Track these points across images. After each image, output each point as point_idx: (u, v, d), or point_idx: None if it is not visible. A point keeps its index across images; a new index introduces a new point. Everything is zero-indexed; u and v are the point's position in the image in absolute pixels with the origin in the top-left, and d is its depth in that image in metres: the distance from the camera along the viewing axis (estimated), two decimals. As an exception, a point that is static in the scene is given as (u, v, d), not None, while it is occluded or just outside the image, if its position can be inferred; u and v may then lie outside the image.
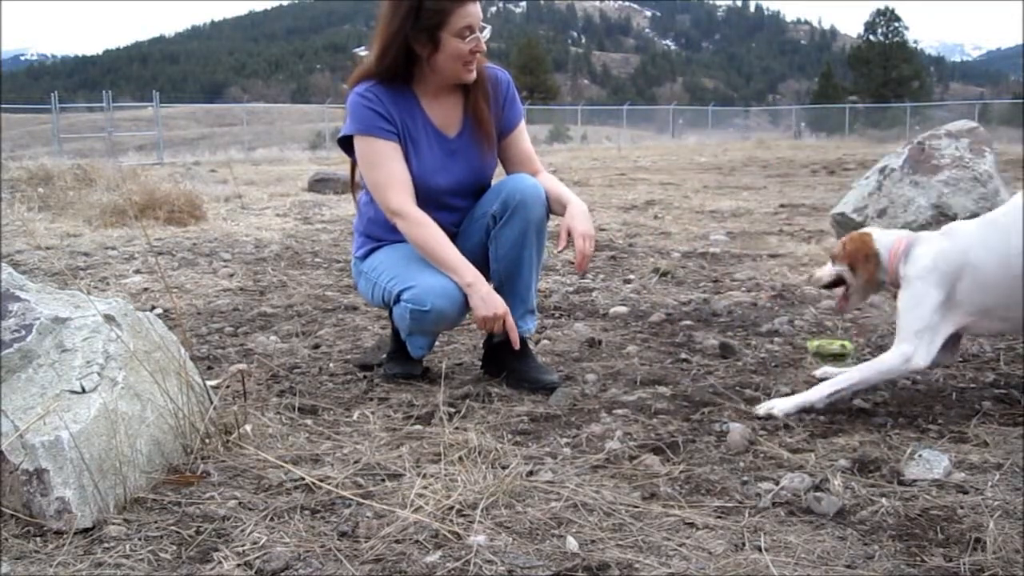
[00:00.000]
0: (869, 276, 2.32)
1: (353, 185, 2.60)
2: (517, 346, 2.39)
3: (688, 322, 3.29)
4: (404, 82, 2.39)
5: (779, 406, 2.19)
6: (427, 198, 2.40)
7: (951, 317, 2.18)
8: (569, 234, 2.33)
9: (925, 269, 2.18)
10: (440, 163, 2.43)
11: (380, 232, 2.50)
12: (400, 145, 2.37)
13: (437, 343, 2.70)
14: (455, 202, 2.48)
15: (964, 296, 2.15)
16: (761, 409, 2.20)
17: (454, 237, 2.47)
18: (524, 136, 2.56)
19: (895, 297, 2.31)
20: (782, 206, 7.76)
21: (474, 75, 2.37)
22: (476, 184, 2.50)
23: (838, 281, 2.43)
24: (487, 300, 2.31)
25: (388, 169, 2.35)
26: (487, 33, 2.32)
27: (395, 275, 2.39)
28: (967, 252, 2.15)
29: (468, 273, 2.32)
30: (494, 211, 2.40)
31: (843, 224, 4.64)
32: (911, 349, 2.14)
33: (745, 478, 1.80)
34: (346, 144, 2.43)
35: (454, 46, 2.28)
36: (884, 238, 2.33)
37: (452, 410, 2.23)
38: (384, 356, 2.69)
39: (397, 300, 2.37)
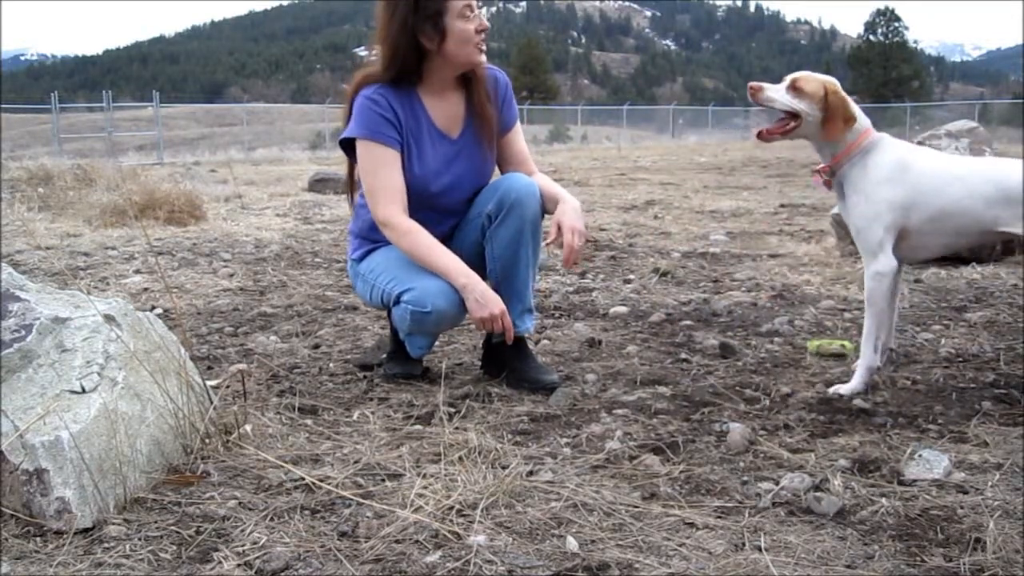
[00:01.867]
0: (832, 134, 2.29)
1: (351, 185, 2.59)
2: (510, 341, 2.39)
3: (688, 322, 3.29)
4: (411, 84, 2.40)
5: (849, 388, 2.34)
6: (428, 200, 2.40)
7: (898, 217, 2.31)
8: (559, 229, 2.33)
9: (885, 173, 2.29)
10: (442, 165, 2.43)
11: (375, 234, 2.50)
12: (401, 153, 2.38)
13: (437, 343, 2.70)
14: (455, 203, 2.48)
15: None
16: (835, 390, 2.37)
17: (451, 237, 2.47)
18: (520, 137, 2.58)
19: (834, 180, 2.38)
20: (782, 206, 7.76)
21: (484, 56, 2.38)
22: (477, 184, 2.50)
23: (791, 114, 2.32)
24: (482, 300, 2.30)
25: (384, 177, 2.35)
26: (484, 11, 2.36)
27: (394, 276, 2.39)
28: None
29: (461, 275, 2.32)
30: (489, 210, 2.40)
31: (843, 224, 4.63)
32: (873, 262, 2.31)
33: (745, 478, 1.80)
34: (347, 144, 2.43)
35: (460, 28, 2.29)
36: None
37: (452, 410, 2.23)
38: (384, 356, 2.69)
39: (397, 302, 2.37)
